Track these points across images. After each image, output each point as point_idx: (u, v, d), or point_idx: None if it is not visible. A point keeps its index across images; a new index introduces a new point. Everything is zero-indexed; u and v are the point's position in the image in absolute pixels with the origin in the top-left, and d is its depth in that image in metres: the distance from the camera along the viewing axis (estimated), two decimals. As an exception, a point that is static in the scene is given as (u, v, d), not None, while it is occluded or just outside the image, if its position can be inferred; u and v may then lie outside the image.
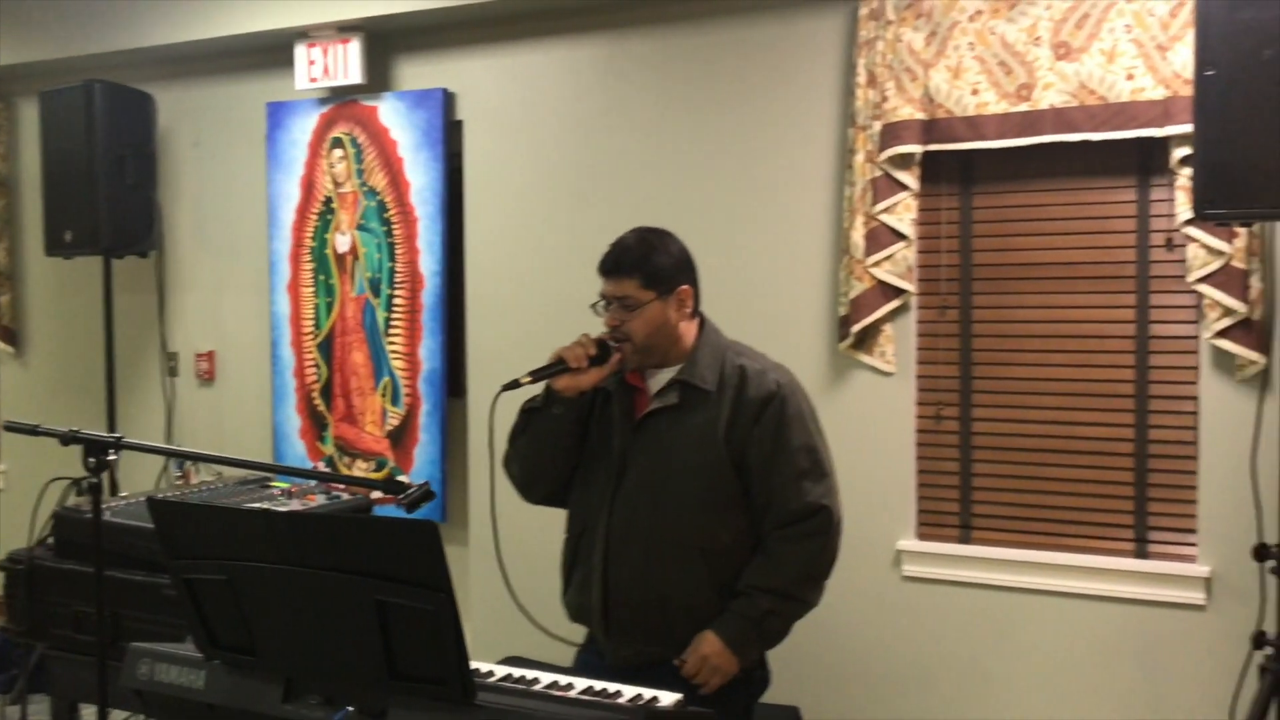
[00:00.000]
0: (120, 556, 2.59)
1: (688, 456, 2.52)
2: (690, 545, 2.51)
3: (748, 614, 2.48)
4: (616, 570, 2.53)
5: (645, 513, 2.52)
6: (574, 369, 2.49)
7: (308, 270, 5.03)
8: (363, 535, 1.90)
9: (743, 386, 2.55)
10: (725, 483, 2.52)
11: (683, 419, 2.52)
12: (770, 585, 2.50)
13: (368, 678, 1.91)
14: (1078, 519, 3.85)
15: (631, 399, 2.59)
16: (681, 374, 2.55)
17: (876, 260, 3.90)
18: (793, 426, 2.55)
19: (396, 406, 4.84)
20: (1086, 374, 3.82)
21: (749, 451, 2.52)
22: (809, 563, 2.55)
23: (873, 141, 3.88)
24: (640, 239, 2.61)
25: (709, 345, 2.60)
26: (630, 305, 2.54)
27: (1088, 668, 3.81)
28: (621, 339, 2.54)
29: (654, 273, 2.55)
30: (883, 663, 4.08)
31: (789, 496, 2.52)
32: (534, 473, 2.63)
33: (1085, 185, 3.79)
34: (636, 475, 2.53)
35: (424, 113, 4.74)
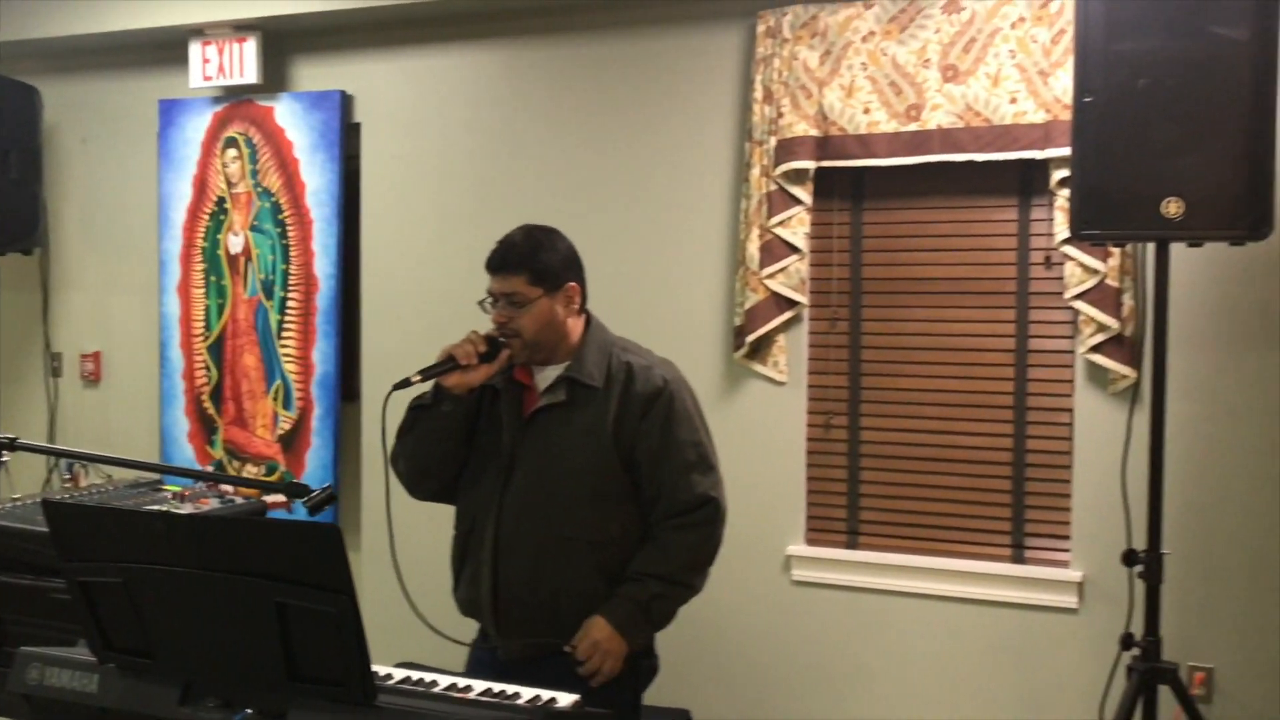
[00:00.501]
0: (5, 560, 2.54)
1: (577, 452, 2.57)
2: (580, 539, 2.56)
3: (636, 597, 2.53)
4: (507, 565, 2.57)
5: (535, 508, 2.56)
6: (464, 366, 2.51)
7: (199, 271, 4.95)
8: (265, 538, 1.90)
9: (630, 382, 2.60)
10: (614, 477, 2.57)
11: (571, 415, 2.57)
12: (658, 571, 2.56)
13: (267, 680, 1.92)
14: (959, 525, 3.99)
15: (519, 396, 2.63)
16: (569, 371, 2.59)
17: (771, 272, 3.99)
18: (680, 421, 2.61)
19: (288, 410, 4.80)
20: (969, 385, 3.96)
21: (637, 446, 2.57)
22: (696, 550, 2.61)
23: (768, 156, 3.98)
24: (528, 236, 2.65)
25: (595, 342, 2.65)
26: (518, 302, 2.57)
27: (967, 669, 3.94)
28: (510, 335, 2.58)
29: (542, 270, 2.60)
30: (772, 664, 4.17)
31: (678, 489, 2.58)
32: (422, 469, 2.65)
33: (970, 204, 3.93)
34: (526, 471, 2.57)
35: (321, 114, 4.71)
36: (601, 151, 4.34)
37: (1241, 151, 2.95)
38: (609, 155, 4.33)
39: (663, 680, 4.19)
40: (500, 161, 4.50)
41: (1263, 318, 3.50)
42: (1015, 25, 3.68)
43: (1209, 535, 3.60)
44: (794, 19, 3.95)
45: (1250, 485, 3.54)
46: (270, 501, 3.34)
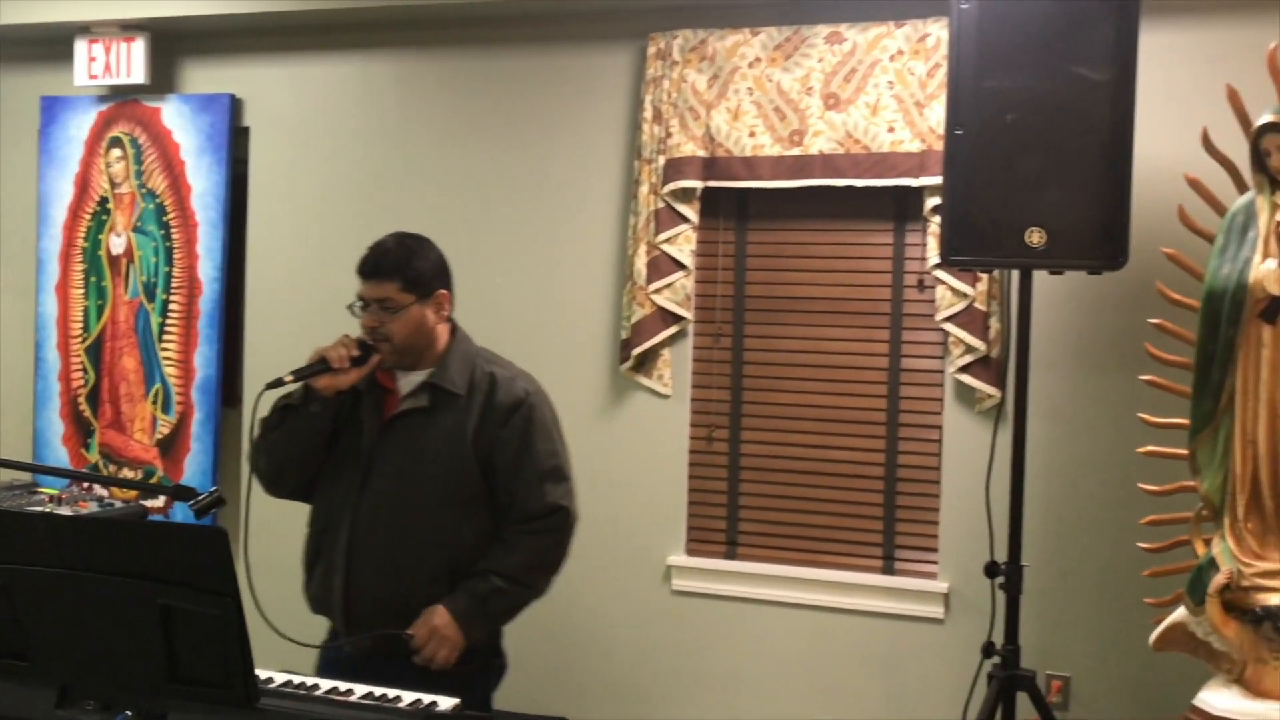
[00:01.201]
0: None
1: (435, 456, 2.64)
2: (434, 541, 2.63)
3: (476, 591, 2.61)
4: (360, 565, 2.62)
5: (391, 510, 2.62)
6: (335, 369, 2.56)
7: (79, 271, 4.87)
8: (150, 540, 1.92)
9: (492, 392, 2.68)
10: (470, 482, 2.65)
11: (432, 420, 2.64)
12: (500, 568, 2.64)
13: (148, 682, 1.93)
14: (833, 537, 4.12)
15: (381, 399, 2.69)
16: (432, 377, 2.67)
17: (657, 288, 4.09)
18: (538, 432, 2.71)
19: (168, 414, 4.74)
20: (844, 402, 4.10)
21: (495, 453, 2.66)
22: (542, 554, 2.71)
23: (657, 175, 4.07)
24: (400, 243, 2.72)
25: (460, 351, 2.73)
26: (390, 307, 2.64)
27: (839, 676, 4.07)
28: (380, 340, 2.64)
29: (414, 277, 2.67)
30: (651, 673, 4.25)
31: (531, 497, 2.68)
32: (284, 467, 2.69)
33: (848, 227, 4.07)
34: (384, 473, 2.63)
35: (209, 117, 4.68)
36: (492, 164, 4.39)
37: (1100, 186, 3.12)
38: (500, 168, 4.38)
39: (543, 687, 4.26)
40: (390, 170, 4.52)
41: (1117, 344, 3.69)
42: (894, 58, 3.84)
43: (1067, 549, 3.79)
44: (684, 42, 4.05)
45: (1104, 501, 3.73)
46: (150, 506, 3.32)
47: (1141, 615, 3.40)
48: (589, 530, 4.24)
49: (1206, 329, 3.07)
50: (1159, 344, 3.37)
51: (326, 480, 2.70)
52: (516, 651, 4.26)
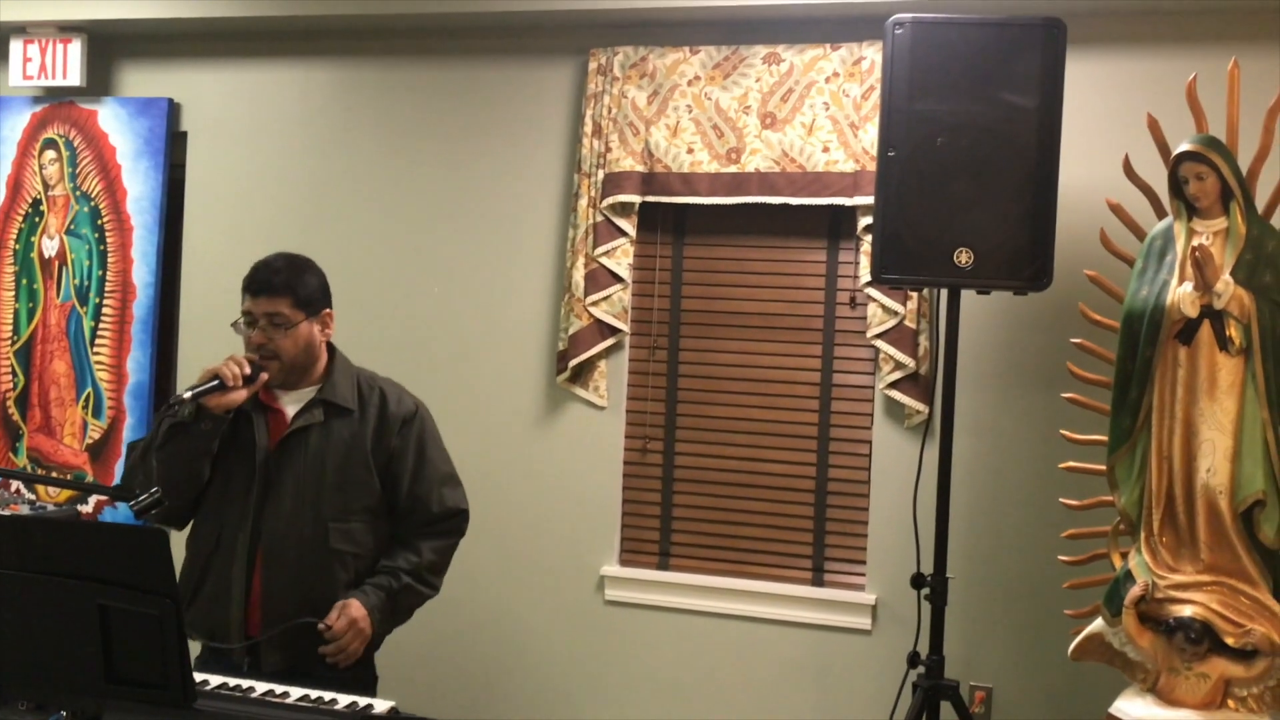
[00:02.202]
0: None
1: (337, 469, 2.70)
2: (340, 551, 2.69)
3: (387, 587, 2.69)
4: (267, 579, 2.64)
5: (296, 523, 2.67)
6: (229, 386, 2.58)
7: (9, 273, 4.81)
8: (89, 540, 1.92)
9: (384, 405, 2.79)
10: (371, 493, 2.74)
11: (328, 435, 2.71)
12: (408, 567, 2.73)
13: (85, 682, 1.94)
14: (764, 549, 4.18)
15: (267, 418, 2.72)
16: (323, 394, 2.74)
17: (595, 300, 4.13)
18: (431, 441, 2.83)
19: (99, 419, 4.69)
20: (776, 415, 4.17)
21: (394, 462, 2.76)
22: (442, 554, 2.82)
23: (596, 188, 4.12)
24: (289, 262, 2.79)
25: (342, 368, 2.82)
26: (281, 324, 2.68)
27: (768, 686, 4.13)
28: (269, 357, 2.67)
29: (305, 294, 2.73)
30: (584, 681, 4.28)
31: (431, 502, 2.78)
32: (169, 488, 2.67)
33: (783, 244, 4.15)
34: (285, 490, 2.67)
35: (146, 121, 4.65)
36: (432, 174, 4.41)
37: (1026, 209, 3.23)
38: (439, 178, 4.41)
39: (475, 694, 4.28)
40: (329, 178, 4.52)
41: (1040, 362, 3.80)
42: (829, 79, 3.92)
43: (990, 562, 3.89)
44: (624, 59, 4.11)
45: (1027, 515, 3.84)
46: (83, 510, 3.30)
47: (1061, 626, 3.50)
48: (523, 539, 4.31)
49: (1125, 349, 3.18)
50: (1080, 363, 3.48)
51: (212, 504, 2.71)
52: (450, 657, 4.30)
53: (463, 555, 2.96)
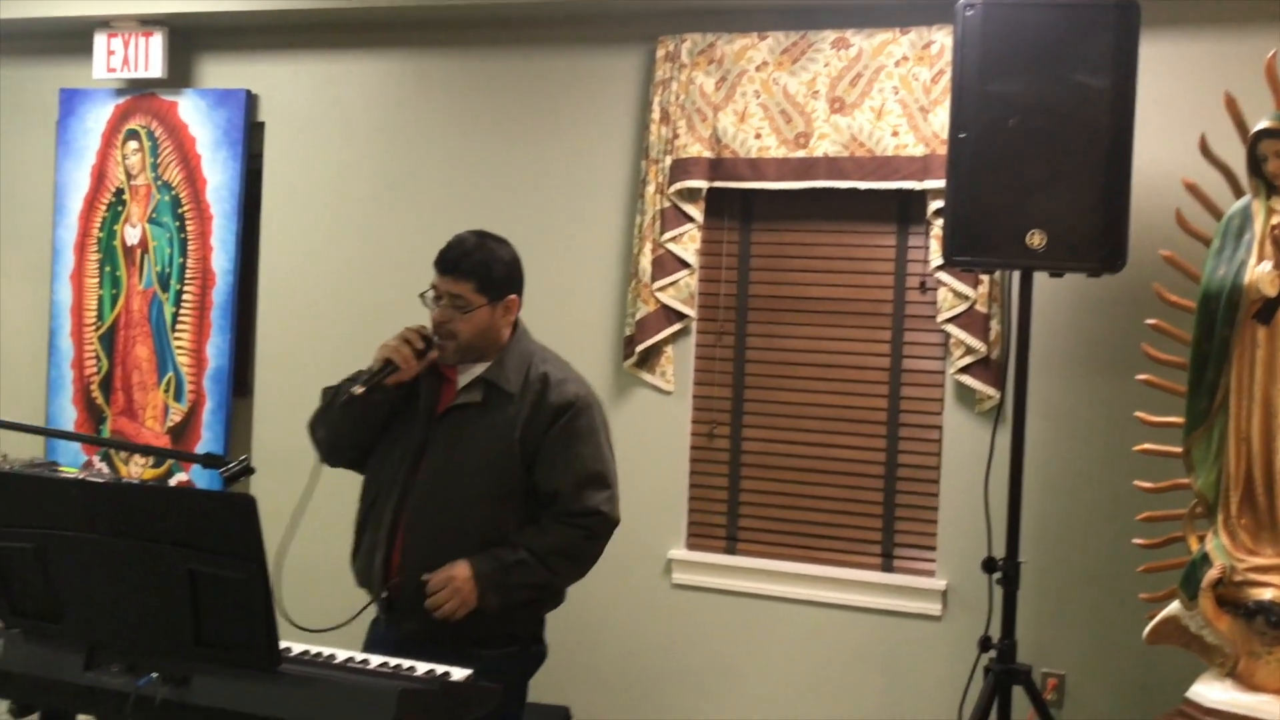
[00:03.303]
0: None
1: (482, 452, 2.67)
2: (476, 533, 2.66)
3: (502, 557, 2.62)
4: (404, 547, 2.66)
5: (437, 501, 2.66)
6: (402, 369, 2.60)
7: (93, 261, 4.94)
8: (180, 506, 1.99)
9: (544, 392, 2.71)
10: (514, 479, 2.68)
11: (483, 416, 2.67)
12: (530, 544, 2.66)
13: (174, 645, 2.00)
14: (832, 534, 4.18)
15: (438, 388, 2.72)
16: (488, 374, 2.70)
17: (662, 285, 4.16)
18: (583, 436, 2.72)
19: (179, 403, 4.81)
20: (845, 401, 4.16)
21: (540, 454, 2.69)
22: (572, 544, 2.71)
23: (663, 175, 4.14)
24: (481, 244, 2.73)
25: (519, 349, 2.75)
26: (462, 307, 2.66)
27: (836, 672, 4.13)
28: (446, 336, 2.66)
29: (489, 280, 2.69)
30: (651, 665, 4.31)
31: (570, 500, 2.69)
32: (341, 443, 2.73)
33: (851, 229, 4.14)
34: (433, 463, 2.67)
35: (225, 112, 4.75)
36: (502, 162, 4.46)
37: (1100, 190, 3.20)
38: (509, 166, 4.46)
39: (544, 678, 4.31)
40: (401, 168, 4.59)
41: (1114, 346, 3.76)
42: (899, 63, 3.91)
43: (1063, 547, 3.85)
44: (692, 45, 4.13)
45: (1100, 499, 3.80)
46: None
47: (1136, 612, 3.47)
48: (592, 523, 4.34)
49: (1202, 329, 3.14)
50: (1156, 345, 3.44)
51: (377, 457, 2.73)
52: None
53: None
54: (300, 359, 4.59)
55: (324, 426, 2.69)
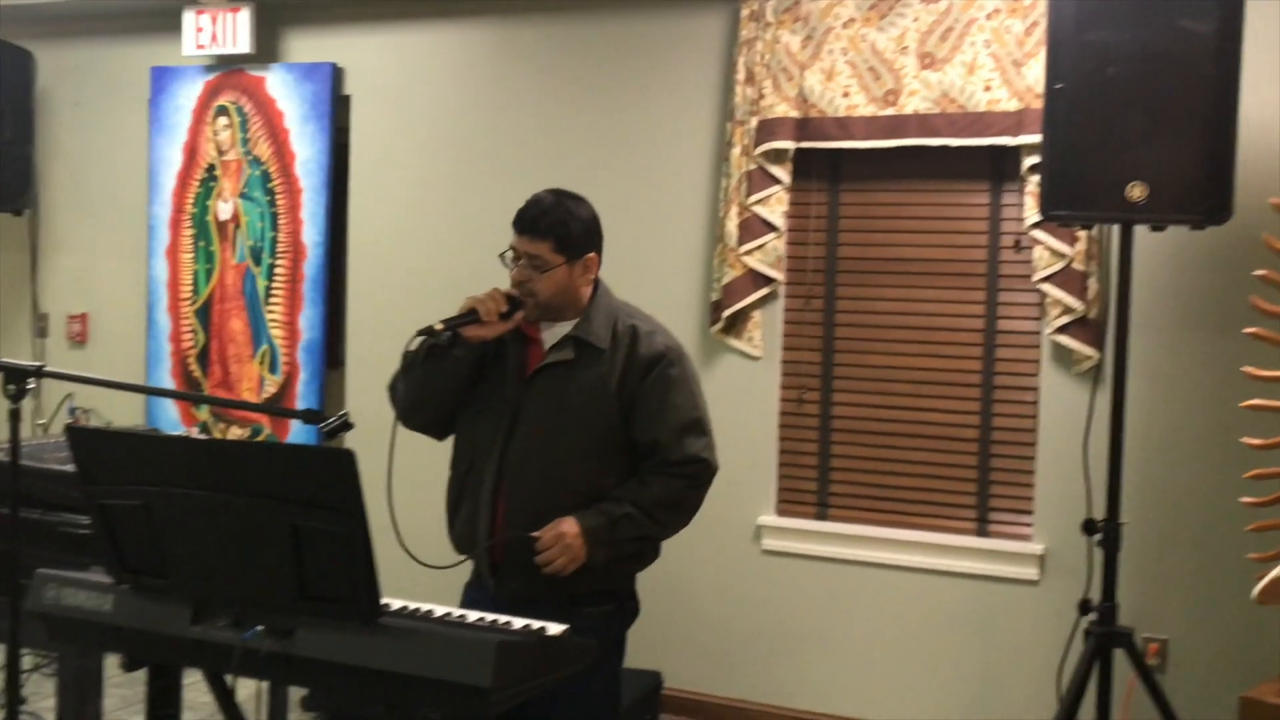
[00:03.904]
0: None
1: (579, 409, 2.67)
2: (578, 491, 2.66)
3: (608, 512, 2.63)
4: (507, 511, 2.67)
5: (537, 460, 2.66)
6: (484, 321, 2.61)
7: (188, 236, 5.03)
8: (282, 462, 2.01)
9: (634, 345, 2.70)
10: (613, 434, 2.69)
11: (576, 373, 2.68)
12: (634, 498, 2.67)
13: (278, 599, 2.02)
14: (925, 499, 4.13)
15: (525, 349, 2.73)
16: (576, 331, 2.70)
17: (748, 249, 4.12)
18: (678, 385, 2.71)
19: (274, 374, 4.89)
20: (938, 364, 4.10)
21: (636, 406, 2.68)
22: (675, 495, 2.71)
23: (749, 136, 4.10)
24: (558, 203, 2.73)
25: (603, 305, 2.75)
26: (540, 266, 2.66)
27: (930, 638, 4.08)
28: (526, 295, 2.67)
29: (567, 239, 2.68)
30: (741, 631, 4.30)
31: (670, 449, 2.68)
32: (421, 403, 2.74)
33: (943, 187, 4.07)
34: (530, 424, 2.67)
35: (312, 85, 4.80)
36: (586, 128, 4.46)
37: (1203, 139, 3.09)
38: (593, 131, 4.45)
39: (636, 643, 4.32)
40: (486, 136, 4.61)
41: (1218, 303, 3.66)
42: (990, 16, 3.83)
43: (1165, 508, 3.76)
44: (777, 4, 4.07)
45: (1202, 462, 3.70)
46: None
47: (1241, 575, 3.37)
48: (681, 488, 4.33)
49: (1313, 280, 3.03)
50: (1265, 297, 3.32)
51: (468, 423, 2.74)
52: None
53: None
54: (390, 329, 4.56)
55: (404, 383, 2.70)
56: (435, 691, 1.95)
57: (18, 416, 2.26)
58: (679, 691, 4.34)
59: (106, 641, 2.21)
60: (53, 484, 2.75)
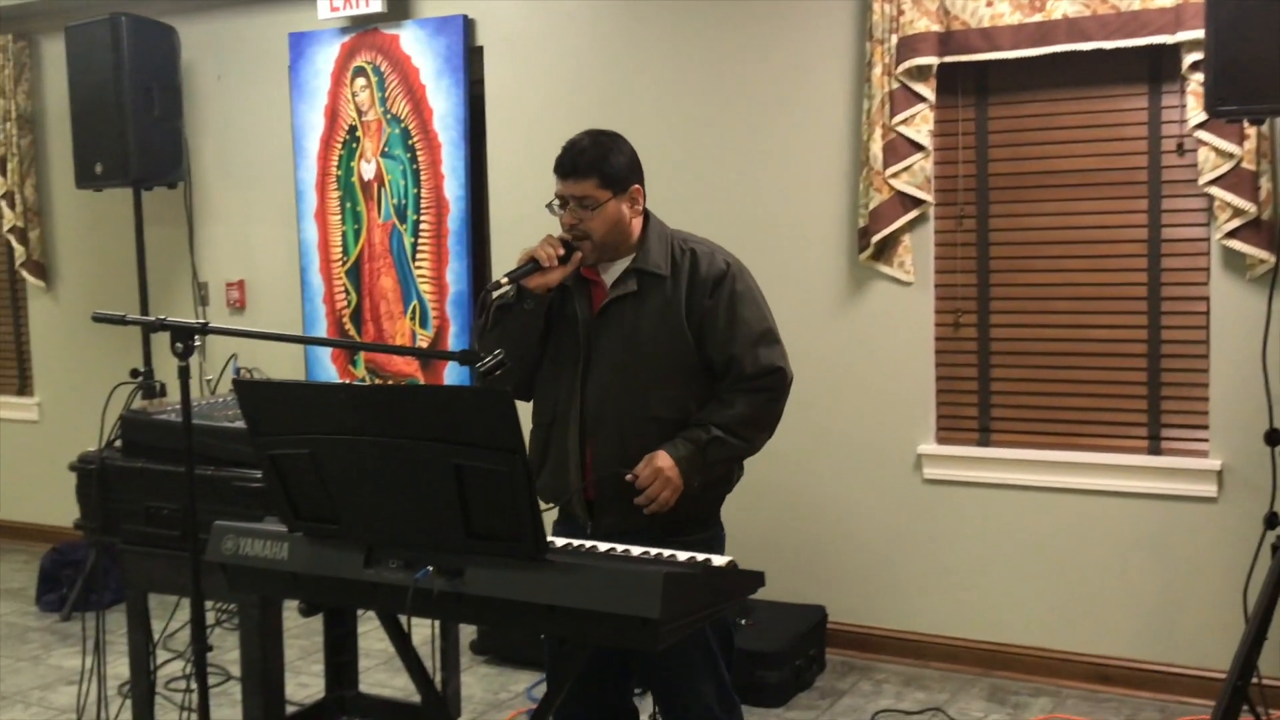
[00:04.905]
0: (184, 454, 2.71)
1: (652, 337, 2.71)
2: (662, 418, 2.70)
3: (695, 439, 2.68)
4: (596, 449, 2.71)
5: (617, 393, 2.71)
6: (545, 267, 2.64)
7: (334, 198, 5.13)
8: (441, 404, 2.03)
9: (695, 266, 2.75)
10: (688, 357, 2.73)
11: (642, 303, 2.72)
12: (718, 420, 2.70)
13: (445, 539, 2.05)
14: (1093, 419, 3.99)
15: (589, 291, 2.76)
16: (636, 262, 2.74)
17: (895, 171, 4.01)
18: (744, 299, 2.75)
19: (425, 329, 4.97)
20: (1100, 278, 3.94)
21: (706, 326, 2.72)
22: (758, 409, 2.74)
23: (890, 55, 3.97)
24: (595, 141, 2.77)
25: (656, 234, 2.80)
26: (589, 205, 2.70)
27: (1105, 561, 3.96)
28: (581, 237, 2.70)
29: (611, 174, 2.72)
30: (906, 563, 4.24)
31: (745, 362, 2.72)
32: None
33: (1098, 93, 3.89)
34: (605, 359, 2.72)
35: (445, 39, 4.82)
36: (722, 59, 4.38)
37: (1387, 17, 2.88)
38: (728, 63, 4.36)
39: (798, 578, 4.30)
40: (620, 76, 4.56)
41: None
42: (1143, -94, 3.62)
43: (1354, 417, 3.55)
44: (914, -85, 3.92)
45: (1397, 365, 3.48)
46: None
47: None
48: (835, 420, 4.28)
49: None
50: None
51: (546, 377, 2.80)
52: (772, 538, 4.33)
53: (777, 437, 2.92)
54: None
55: (483, 348, 2.74)
56: (604, 625, 1.95)
57: (187, 373, 2.32)
58: (843, 625, 4.30)
59: (284, 588, 2.27)
60: (223, 441, 2.84)
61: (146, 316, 2.41)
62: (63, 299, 5.97)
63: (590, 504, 2.72)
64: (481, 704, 3.98)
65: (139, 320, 2.44)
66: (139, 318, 2.42)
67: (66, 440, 5.36)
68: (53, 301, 6.00)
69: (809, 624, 4.13)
